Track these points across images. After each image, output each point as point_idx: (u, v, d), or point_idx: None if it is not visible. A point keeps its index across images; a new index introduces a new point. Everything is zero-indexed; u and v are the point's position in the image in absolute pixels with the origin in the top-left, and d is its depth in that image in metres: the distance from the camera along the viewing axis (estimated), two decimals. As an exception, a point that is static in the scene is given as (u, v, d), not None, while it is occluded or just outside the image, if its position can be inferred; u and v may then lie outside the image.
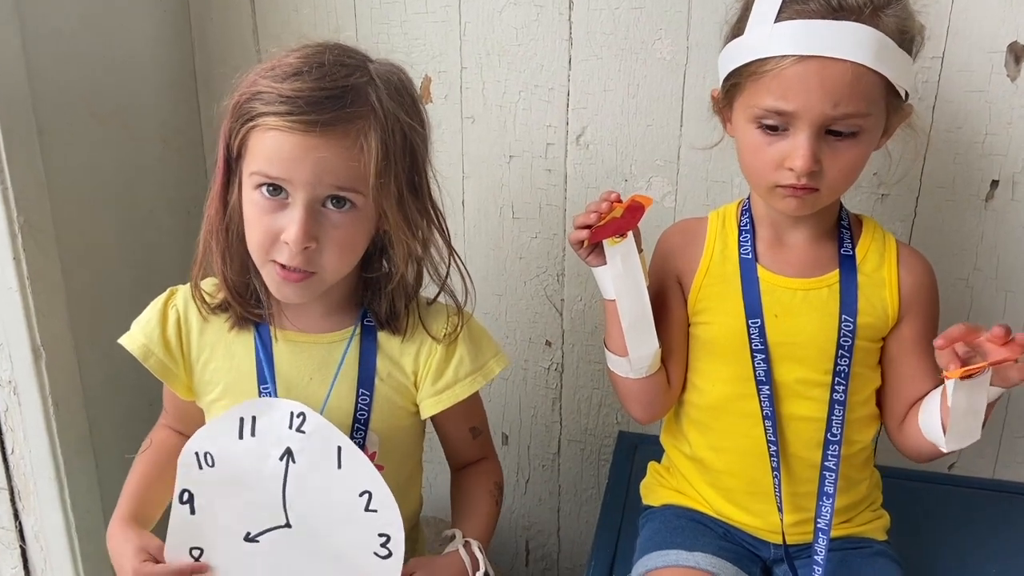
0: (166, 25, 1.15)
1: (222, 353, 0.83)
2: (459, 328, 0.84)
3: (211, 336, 0.83)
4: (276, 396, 0.80)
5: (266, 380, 0.80)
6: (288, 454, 0.76)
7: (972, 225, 1.03)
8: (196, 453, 0.77)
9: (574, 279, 1.18)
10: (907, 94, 0.79)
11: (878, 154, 1.00)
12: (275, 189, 0.73)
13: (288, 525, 0.77)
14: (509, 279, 1.20)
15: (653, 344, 0.83)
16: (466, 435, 0.91)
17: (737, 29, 0.79)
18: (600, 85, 1.08)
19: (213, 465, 0.77)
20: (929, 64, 0.98)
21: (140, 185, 1.12)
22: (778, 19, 0.74)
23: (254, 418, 0.77)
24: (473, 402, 0.87)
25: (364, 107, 0.73)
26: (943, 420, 0.75)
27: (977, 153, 1.00)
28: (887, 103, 0.76)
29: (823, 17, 0.72)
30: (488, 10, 1.08)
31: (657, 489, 0.95)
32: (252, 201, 0.74)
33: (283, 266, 0.74)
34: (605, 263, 0.81)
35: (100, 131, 1.05)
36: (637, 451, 1.16)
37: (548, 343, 1.22)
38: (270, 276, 0.76)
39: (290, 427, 0.76)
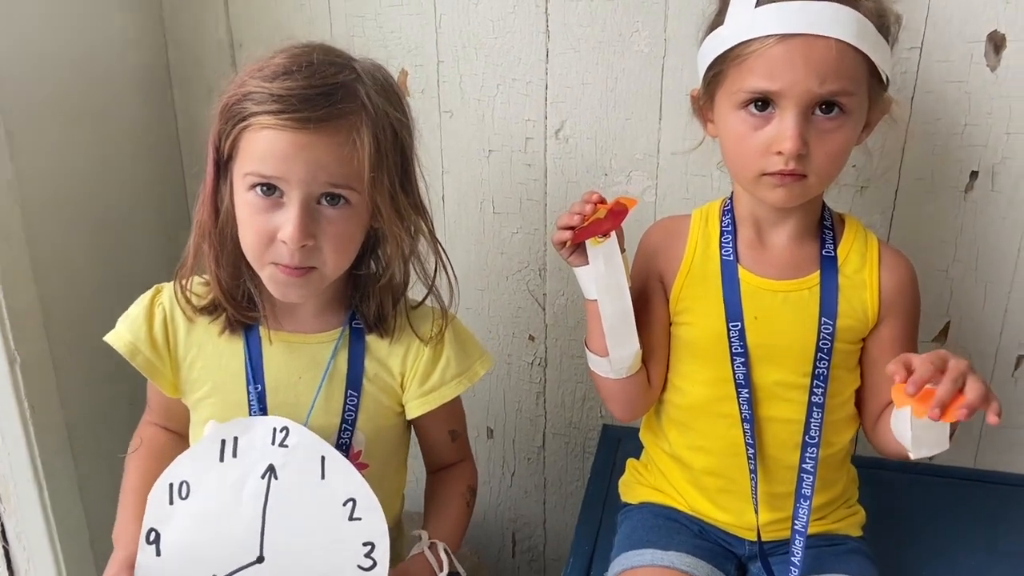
0: (138, 23, 1.13)
1: (210, 352, 0.83)
2: (444, 329, 0.84)
3: (198, 335, 0.83)
4: (265, 396, 0.80)
5: (255, 380, 0.81)
6: (271, 471, 0.76)
7: (952, 217, 1.02)
8: (170, 485, 0.77)
9: (556, 274, 1.17)
10: (888, 81, 0.78)
11: (858, 148, 1.00)
12: (269, 188, 0.73)
13: (260, 559, 0.76)
14: (491, 274, 1.20)
15: (634, 345, 0.83)
16: (445, 438, 0.91)
17: (716, 22, 0.79)
18: (578, 78, 1.06)
19: (186, 497, 0.76)
20: (908, 55, 0.96)
21: (114, 185, 1.11)
22: (759, 4, 0.74)
23: (236, 439, 0.77)
24: (455, 405, 0.88)
25: (355, 103, 0.73)
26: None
27: (956, 144, 0.99)
28: (869, 88, 0.76)
29: None
30: (464, 2, 1.06)
31: (635, 487, 0.95)
32: (246, 202, 0.74)
33: (284, 265, 0.74)
34: (587, 263, 0.80)
35: (71, 132, 1.04)
36: (621, 445, 1.16)
37: (531, 337, 1.22)
38: (271, 278, 0.76)
39: (273, 443, 0.76)
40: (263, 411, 0.81)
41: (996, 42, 0.94)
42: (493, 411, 1.28)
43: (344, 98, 0.72)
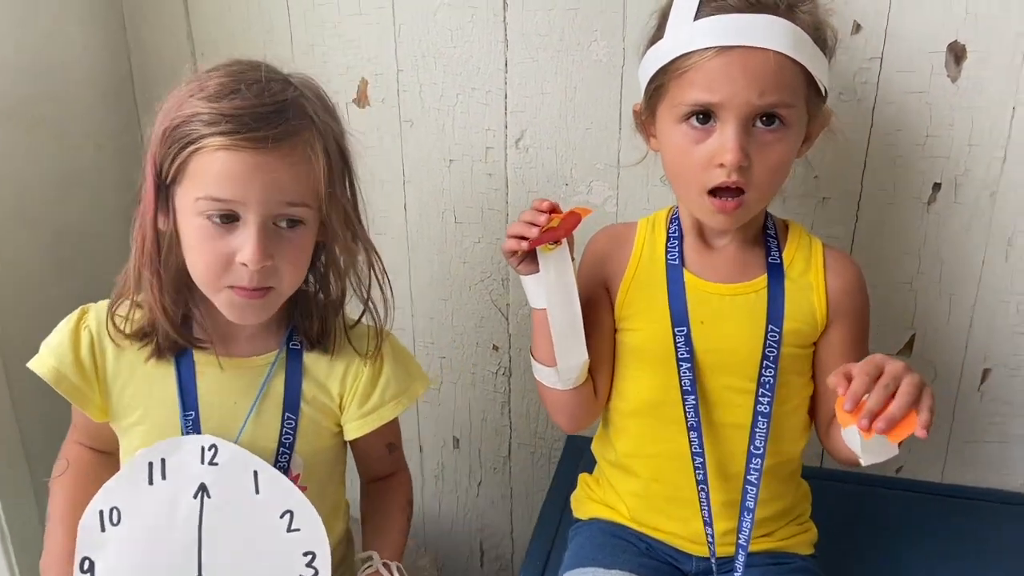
0: (100, 31, 1.13)
1: (140, 377, 0.80)
2: (380, 344, 0.83)
3: (128, 359, 0.80)
4: (199, 422, 0.78)
5: (188, 407, 0.79)
6: (203, 490, 0.75)
7: (915, 228, 1.01)
8: (100, 512, 0.75)
9: (518, 283, 1.14)
10: (826, 93, 0.78)
11: (818, 157, 0.99)
12: (227, 218, 0.71)
13: None
14: (454, 284, 1.19)
15: (583, 355, 0.82)
16: (383, 451, 0.90)
17: (656, 36, 0.78)
18: (537, 88, 1.05)
19: (118, 523, 0.75)
20: (868, 65, 0.95)
21: (75, 195, 1.11)
22: (697, 17, 0.74)
23: (163, 460, 0.76)
24: (392, 420, 0.86)
25: (305, 120, 0.73)
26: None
27: (918, 155, 0.97)
28: (808, 101, 0.76)
29: (741, 12, 0.73)
30: (422, 11, 1.05)
31: (586, 502, 0.94)
32: (197, 227, 0.72)
33: (242, 288, 0.73)
34: (537, 271, 0.79)
35: (32, 140, 1.03)
36: (584, 456, 1.15)
37: (495, 347, 1.21)
38: (227, 301, 0.74)
39: (202, 461, 0.76)
40: None
41: (956, 53, 0.93)
42: (459, 421, 1.27)
43: (295, 115, 0.72)
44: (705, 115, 0.74)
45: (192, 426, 0.78)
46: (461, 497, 1.33)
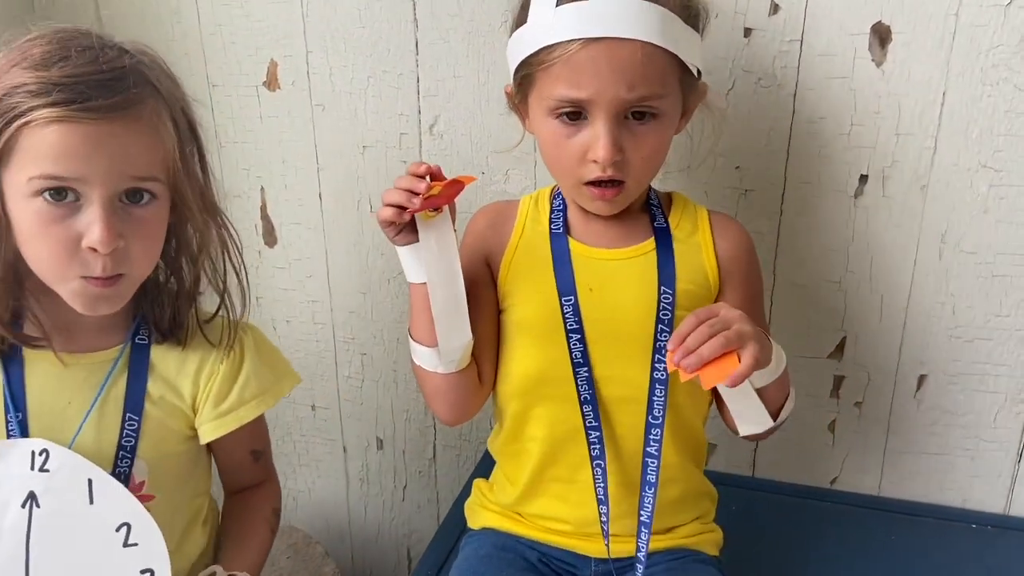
0: (5, 9, 1.09)
1: None
2: (233, 335, 0.77)
3: None
4: (27, 424, 0.72)
5: (15, 408, 0.71)
6: (32, 499, 0.69)
7: (842, 223, 0.95)
8: None
9: (438, 277, 1.11)
10: (699, 72, 0.74)
11: (739, 148, 0.94)
12: (60, 192, 0.64)
13: None
14: (372, 276, 1.14)
15: (466, 334, 0.76)
16: (247, 458, 0.84)
17: (521, 18, 0.74)
18: (450, 71, 1.01)
19: None
20: (787, 48, 0.89)
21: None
22: (559, 3, 0.69)
23: None
24: (257, 423, 0.80)
25: (148, 87, 0.67)
26: None
27: (843, 145, 0.92)
28: (681, 82, 0.72)
29: None
30: (329, -11, 1.01)
31: (478, 510, 0.88)
32: (34, 212, 0.65)
33: (95, 277, 0.66)
34: (415, 241, 0.73)
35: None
36: (504, 459, 1.10)
37: (416, 344, 1.16)
38: (79, 292, 0.68)
39: (32, 467, 0.69)
40: None
41: (881, 34, 0.87)
42: (382, 421, 1.22)
43: (136, 83, 0.66)
44: (576, 109, 0.71)
45: (18, 429, 0.71)
46: (387, 501, 1.28)
